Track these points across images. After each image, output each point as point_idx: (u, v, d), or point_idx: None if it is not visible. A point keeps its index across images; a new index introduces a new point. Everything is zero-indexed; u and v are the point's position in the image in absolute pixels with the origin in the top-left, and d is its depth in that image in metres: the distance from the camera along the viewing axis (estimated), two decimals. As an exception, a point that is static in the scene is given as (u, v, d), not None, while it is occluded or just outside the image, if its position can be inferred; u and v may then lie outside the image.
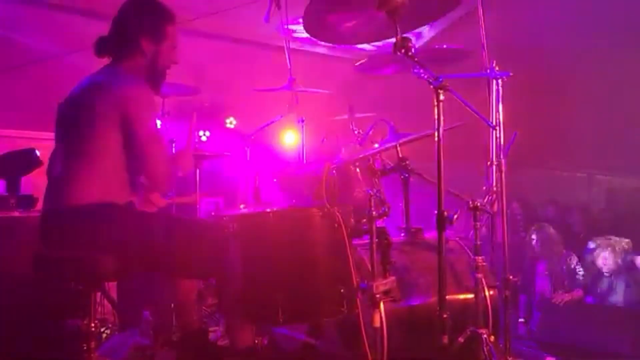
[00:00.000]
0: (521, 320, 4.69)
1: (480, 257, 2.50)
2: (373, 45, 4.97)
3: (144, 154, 2.39)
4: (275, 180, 3.02)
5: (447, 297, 2.19)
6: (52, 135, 2.54)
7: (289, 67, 3.56)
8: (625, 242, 4.58)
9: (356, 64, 3.31)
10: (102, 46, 2.55)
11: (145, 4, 2.57)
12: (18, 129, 4.58)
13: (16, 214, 3.46)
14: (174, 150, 3.88)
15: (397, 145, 2.91)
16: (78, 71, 2.61)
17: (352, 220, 2.49)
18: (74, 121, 2.43)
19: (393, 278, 2.38)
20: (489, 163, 2.89)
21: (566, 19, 5.09)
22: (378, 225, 2.32)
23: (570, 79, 5.27)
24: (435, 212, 2.17)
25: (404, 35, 2.25)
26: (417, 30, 5.32)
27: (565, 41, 5.16)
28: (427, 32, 5.64)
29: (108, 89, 2.38)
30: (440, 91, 2.15)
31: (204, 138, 4.98)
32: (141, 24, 2.51)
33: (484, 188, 2.89)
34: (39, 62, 4.35)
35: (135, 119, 2.35)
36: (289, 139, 5.39)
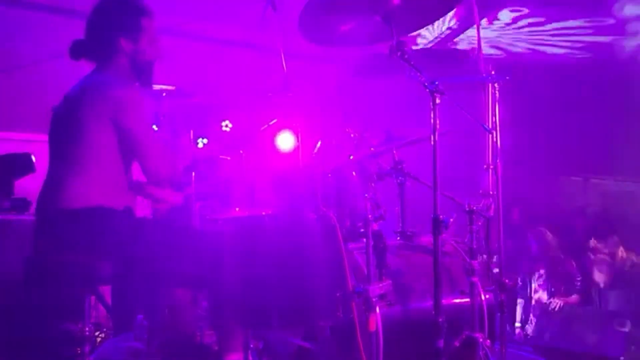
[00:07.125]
0: (517, 324, 4.68)
1: (476, 261, 2.49)
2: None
3: (144, 152, 2.40)
4: (270, 183, 3.01)
5: (443, 301, 2.18)
6: (47, 137, 2.52)
7: (284, 70, 3.55)
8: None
9: (353, 67, 3.30)
10: (78, 50, 2.52)
11: (119, 2, 2.53)
12: (12, 131, 4.56)
13: (10, 217, 3.44)
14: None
15: (393, 149, 2.90)
16: (73, 74, 2.59)
17: (348, 223, 2.48)
18: (67, 125, 2.42)
19: (389, 282, 2.37)
20: (485, 166, 2.88)
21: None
22: (374, 229, 2.31)
23: (569, 84, 5.28)
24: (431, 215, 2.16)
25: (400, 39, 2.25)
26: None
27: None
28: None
29: (99, 93, 2.37)
30: (436, 95, 2.14)
31: (200, 145, 4.95)
32: (118, 23, 2.47)
33: (480, 192, 2.89)
34: (34, 64, 4.35)
35: (130, 122, 2.35)
36: (285, 142, 5.37)
